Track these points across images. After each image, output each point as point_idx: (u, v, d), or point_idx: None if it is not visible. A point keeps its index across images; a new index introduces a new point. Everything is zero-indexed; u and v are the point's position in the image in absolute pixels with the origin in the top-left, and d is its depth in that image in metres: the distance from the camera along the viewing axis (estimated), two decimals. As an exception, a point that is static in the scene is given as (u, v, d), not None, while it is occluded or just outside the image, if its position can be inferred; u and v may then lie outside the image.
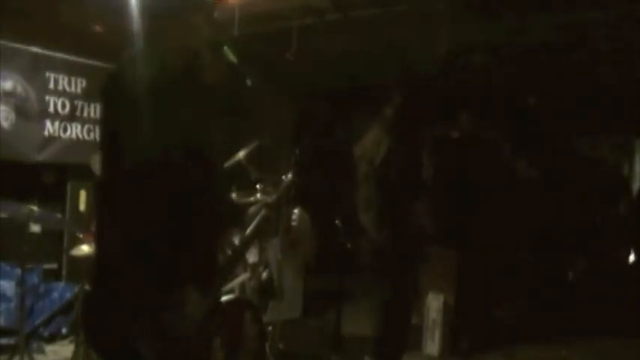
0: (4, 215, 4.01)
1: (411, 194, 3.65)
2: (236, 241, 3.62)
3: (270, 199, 3.44)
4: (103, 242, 1.86)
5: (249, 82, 2.17)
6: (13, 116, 5.01)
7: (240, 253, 2.71)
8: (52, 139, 5.30)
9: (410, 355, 4.70)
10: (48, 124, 5.27)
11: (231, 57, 2.06)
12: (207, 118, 1.85)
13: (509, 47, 5.44)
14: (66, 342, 4.59)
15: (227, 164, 4.18)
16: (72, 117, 5.43)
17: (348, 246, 3.65)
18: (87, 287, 4.05)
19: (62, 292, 4.80)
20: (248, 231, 2.94)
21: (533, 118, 6.16)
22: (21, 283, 3.75)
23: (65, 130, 5.40)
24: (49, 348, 4.50)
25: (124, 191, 1.74)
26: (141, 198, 1.70)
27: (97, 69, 5.45)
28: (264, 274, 4.20)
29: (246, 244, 2.83)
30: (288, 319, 4.64)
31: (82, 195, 5.34)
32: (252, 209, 3.83)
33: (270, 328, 4.21)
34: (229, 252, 2.35)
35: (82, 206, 5.33)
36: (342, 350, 4.02)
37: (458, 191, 5.09)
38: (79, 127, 5.49)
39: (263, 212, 2.96)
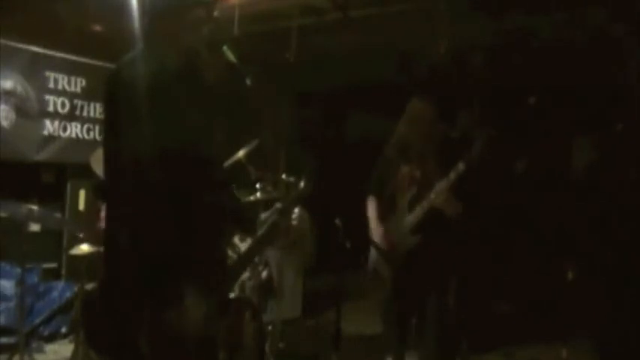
0: (3, 214, 4.01)
1: None
2: (246, 244, 3.65)
3: (281, 205, 3.47)
4: (107, 239, 1.87)
5: (249, 82, 2.17)
6: (12, 115, 5.01)
7: (249, 256, 2.71)
8: (51, 138, 5.30)
9: (410, 354, 4.70)
10: (47, 123, 5.27)
11: (231, 56, 2.06)
12: (207, 115, 1.85)
13: (509, 47, 5.44)
14: (65, 341, 4.59)
15: (227, 164, 4.18)
16: (71, 116, 5.43)
17: (348, 246, 3.65)
18: (87, 286, 4.07)
19: (62, 291, 4.80)
20: (258, 235, 2.94)
21: (534, 117, 6.16)
22: (21, 282, 3.75)
23: (65, 129, 5.40)
24: (49, 347, 4.50)
25: (125, 190, 1.75)
26: (141, 196, 1.70)
27: (96, 68, 5.45)
28: (264, 274, 4.20)
29: (255, 248, 2.83)
30: (288, 318, 4.65)
31: (82, 194, 5.34)
32: (264, 215, 3.86)
33: (270, 327, 4.21)
34: (236, 254, 2.35)
35: (81, 205, 5.34)
36: (342, 350, 4.01)
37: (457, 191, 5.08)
38: (78, 126, 5.49)
39: (274, 218, 2.96)
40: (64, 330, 4.68)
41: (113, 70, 1.91)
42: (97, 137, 5.58)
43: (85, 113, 5.52)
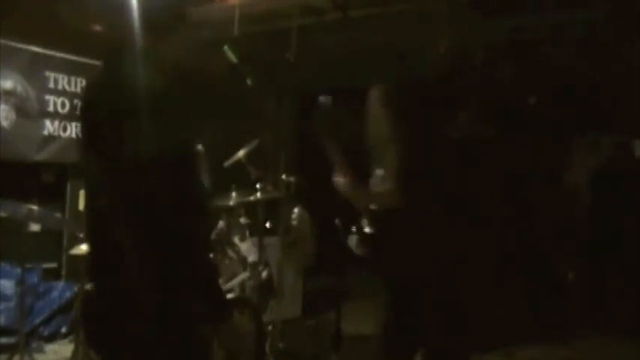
0: (3, 214, 4.02)
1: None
2: (245, 244, 3.65)
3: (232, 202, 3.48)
4: (95, 240, 1.87)
5: (249, 82, 2.17)
6: (12, 115, 5.01)
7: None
8: (51, 138, 5.30)
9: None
10: (47, 123, 5.27)
11: (232, 56, 2.06)
12: (190, 124, 1.81)
13: (509, 47, 5.44)
14: (65, 341, 4.59)
15: (227, 163, 4.19)
16: (71, 116, 5.43)
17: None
18: (87, 286, 4.07)
19: (62, 291, 4.80)
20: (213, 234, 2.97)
21: (534, 117, 6.17)
22: (21, 282, 3.75)
23: (65, 129, 5.40)
24: (49, 347, 4.51)
25: (110, 194, 1.74)
26: (121, 203, 1.70)
27: (96, 69, 5.43)
28: (264, 274, 4.20)
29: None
30: (288, 318, 4.64)
31: (82, 194, 5.34)
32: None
33: (270, 327, 4.21)
34: (236, 254, 2.36)
35: (81, 205, 5.33)
36: (342, 350, 4.01)
37: (457, 191, 5.07)
38: (78, 126, 5.49)
39: (224, 217, 2.98)
40: (64, 330, 4.68)
41: (94, 79, 1.92)
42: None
43: (85, 113, 5.52)
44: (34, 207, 3.81)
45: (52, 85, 5.29)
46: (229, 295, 3.68)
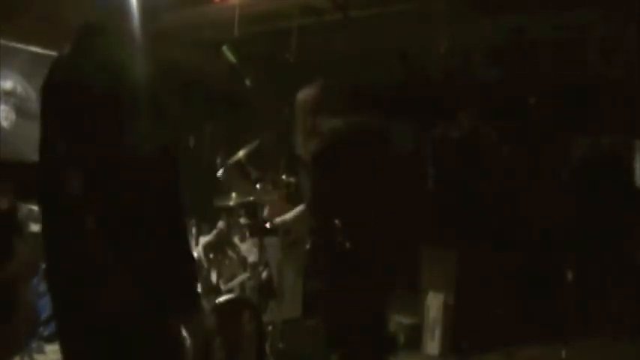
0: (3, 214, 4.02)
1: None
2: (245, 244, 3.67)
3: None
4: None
5: (248, 82, 2.17)
6: (12, 115, 5.01)
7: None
8: (51, 138, 5.29)
9: (410, 354, 4.70)
10: (48, 123, 5.26)
11: (231, 57, 2.06)
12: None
13: (509, 47, 5.44)
14: (66, 341, 4.59)
15: (227, 164, 4.19)
16: (72, 117, 5.42)
17: (347, 246, 3.64)
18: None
19: (62, 291, 4.79)
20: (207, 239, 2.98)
21: (533, 117, 6.17)
22: (21, 282, 3.75)
23: (65, 129, 5.39)
24: (49, 347, 4.50)
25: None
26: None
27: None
28: (264, 274, 4.20)
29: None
30: (288, 318, 4.64)
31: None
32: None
33: (270, 328, 4.21)
34: (236, 254, 2.35)
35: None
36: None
37: (458, 191, 5.09)
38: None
39: (224, 217, 2.99)
40: (64, 330, 4.68)
41: (64, 57, 1.88)
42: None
43: (85, 113, 5.52)
44: (35, 207, 3.82)
45: (52, 85, 5.28)
46: (229, 296, 3.68)
